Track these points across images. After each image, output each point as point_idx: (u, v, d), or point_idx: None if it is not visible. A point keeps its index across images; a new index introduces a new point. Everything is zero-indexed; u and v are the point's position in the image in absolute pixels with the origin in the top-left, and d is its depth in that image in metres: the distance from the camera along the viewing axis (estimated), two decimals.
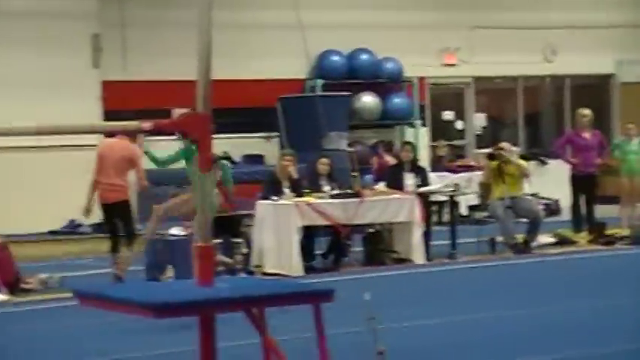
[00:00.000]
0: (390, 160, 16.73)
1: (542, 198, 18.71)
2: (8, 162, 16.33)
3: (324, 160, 13.75)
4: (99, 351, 7.93)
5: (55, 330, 9.18)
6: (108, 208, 12.13)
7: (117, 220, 12.10)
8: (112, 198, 12.00)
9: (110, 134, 11.73)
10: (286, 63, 18.45)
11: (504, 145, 14.80)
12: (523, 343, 8.00)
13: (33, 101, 16.30)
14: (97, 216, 17.03)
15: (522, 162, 14.68)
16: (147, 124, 4.94)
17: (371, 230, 13.66)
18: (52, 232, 16.33)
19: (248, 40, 18.32)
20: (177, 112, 16.30)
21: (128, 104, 17.13)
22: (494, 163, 14.38)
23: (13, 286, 11.53)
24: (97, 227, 16.60)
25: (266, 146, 18.77)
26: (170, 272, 11.98)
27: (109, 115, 17.07)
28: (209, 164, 5.09)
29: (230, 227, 12.55)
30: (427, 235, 13.59)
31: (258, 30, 18.53)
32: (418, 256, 13.30)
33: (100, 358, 7.72)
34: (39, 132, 4.86)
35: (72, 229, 16.42)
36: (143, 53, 17.75)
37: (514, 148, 15.24)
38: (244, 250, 12.71)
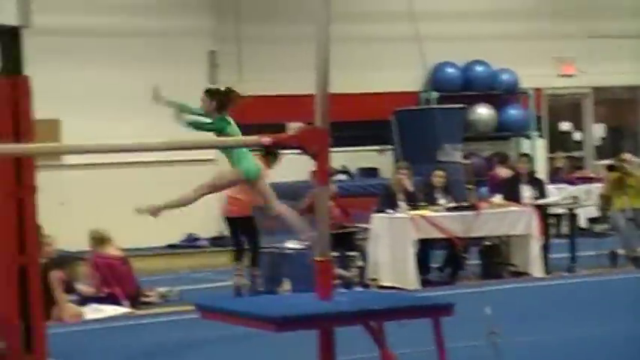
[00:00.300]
0: (504, 172, 16.54)
1: None
2: (128, 177, 16.67)
3: (439, 172, 13.66)
4: None
5: (176, 342, 9.31)
6: (230, 222, 12.46)
7: (240, 233, 12.37)
8: (234, 212, 12.29)
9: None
10: (401, 76, 18.43)
11: (626, 156, 14.51)
12: None
13: (151, 117, 16.54)
14: (214, 230, 17.35)
15: None
16: (266, 139, 4.99)
17: (487, 243, 13.52)
18: (170, 246, 16.60)
19: (362, 52, 18.36)
20: (292, 126, 16.43)
21: (244, 119, 17.27)
22: (615, 175, 14.10)
23: (134, 299, 11.75)
24: (214, 241, 16.84)
25: (380, 159, 18.77)
26: (287, 285, 12.08)
27: None
28: (327, 178, 5.12)
29: (345, 240, 12.57)
30: (545, 248, 13.39)
31: (373, 43, 18.56)
32: (536, 270, 13.11)
33: None
34: (164, 147, 4.95)
35: (190, 243, 16.66)
36: (258, 68, 17.94)
37: (636, 160, 14.91)
38: (360, 264, 12.71)
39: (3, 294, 8.24)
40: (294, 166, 13.16)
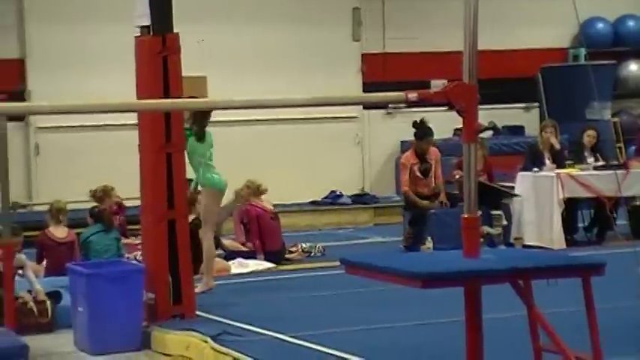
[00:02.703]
0: None
1: None
2: (273, 133, 16.86)
3: (591, 132, 13.33)
4: (362, 319, 8.06)
5: (319, 298, 9.40)
6: None
7: None
8: None
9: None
10: (549, 32, 18.07)
11: None
12: None
13: (295, 75, 16.74)
14: (356, 187, 17.42)
15: None
16: (413, 95, 4.96)
17: (637, 203, 13.19)
18: (313, 203, 16.72)
19: (509, 8, 18.05)
20: (436, 83, 16.30)
21: (387, 76, 17.31)
22: None
23: (279, 256, 11.88)
24: (356, 198, 16.91)
25: (526, 117, 18.48)
26: (429, 243, 12.05)
27: (367, 88, 17.30)
28: (475, 135, 5.05)
29: (490, 199, 12.43)
30: None
31: None
32: None
33: (362, 326, 7.84)
34: (310, 103, 4.96)
35: (332, 200, 16.75)
36: (401, 25, 17.84)
37: None
38: (504, 222, 12.57)
39: (153, 248, 8.47)
40: (437, 124, 13.13)
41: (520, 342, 5.29)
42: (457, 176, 12.24)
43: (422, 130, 12.63)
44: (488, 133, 17.29)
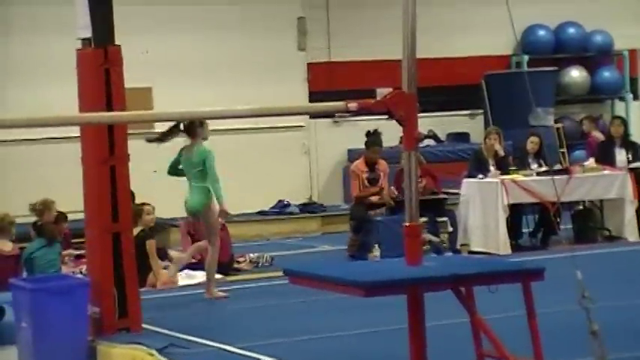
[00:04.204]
0: (598, 135, 16.24)
1: None
2: (220, 144, 16.78)
3: (534, 138, 13.48)
4: (307, 329, 8.06)
5: (265, 308, 9.39)
6: None
7: None
8: None
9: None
10: (492, 39, 18.21)
11: None
12: None
13: (241, 84, 16.72)
14: (304, 196, 17.43)
15: None
16: (353, 104, 4.99)
17: (580, 207, 13.34)
18: (260, 213, 16.70)
19: (452, 16, 18.18)
20: (382, 91, 16.38)
21: (333, 85, 17.34)
22: None
23: (227, 266, 11.84)
24: (304, 207, 16.92)
25: (471, 124, 18.61)
26: (377, 251, 12.10)
27: (313, 97, 17.31)
28: (415, 143, 5.10)
29: (435, 206, 12.52)
30: None
31: (463, 6, 18.37)
32: (631, 234, 12.92)
33: (308, 335, 7.84)
34: (252, 114, 4.97)
35: (280, 209, 16.74)
36: (347, 34, 17.89)
37: None
38: (450, 229, 12.66)
39: (98, 261, 8.41)
40: (387, 133, 13.19)
41: (463, 348, 5.34)
42: (397, 193, 12.37)
43: (370, 138, 12.74)
44: (429, 141, 17.43)
